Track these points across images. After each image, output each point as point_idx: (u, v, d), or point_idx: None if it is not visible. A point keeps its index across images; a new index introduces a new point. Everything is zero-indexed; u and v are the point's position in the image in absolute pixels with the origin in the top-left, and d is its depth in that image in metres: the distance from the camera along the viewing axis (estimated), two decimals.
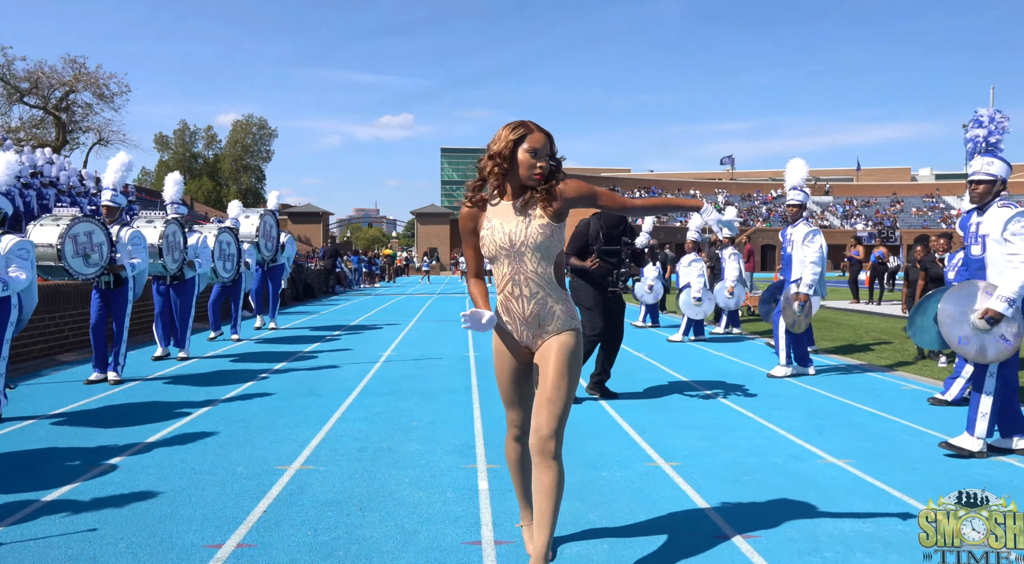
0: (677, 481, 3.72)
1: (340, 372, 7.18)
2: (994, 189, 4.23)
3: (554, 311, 2.55)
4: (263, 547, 2.84)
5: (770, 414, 5.32)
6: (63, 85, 37.40)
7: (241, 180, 57.09)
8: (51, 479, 3.68)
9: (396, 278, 37.55)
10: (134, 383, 6.49)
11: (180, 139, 57.11)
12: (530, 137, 2.49)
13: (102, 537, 2.92)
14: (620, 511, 3.27)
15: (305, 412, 5.31)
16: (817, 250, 6.77)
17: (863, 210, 67.66)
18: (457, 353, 8.66)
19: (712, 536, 3.00)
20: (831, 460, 4.13)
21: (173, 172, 9.05)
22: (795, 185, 7.08)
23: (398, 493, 3.50)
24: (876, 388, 6.45)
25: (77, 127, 38.89)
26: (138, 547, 2.83)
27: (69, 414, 5.22)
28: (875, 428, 4.92)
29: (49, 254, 6.04)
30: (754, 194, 70.18)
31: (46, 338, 8.10)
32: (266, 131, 59.06)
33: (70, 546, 2.83)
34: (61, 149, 36.27)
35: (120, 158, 7.09)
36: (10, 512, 3.20)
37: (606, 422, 5.07)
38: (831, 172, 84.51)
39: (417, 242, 64.75)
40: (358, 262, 29.37)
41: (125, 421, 5.00)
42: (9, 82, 35.26)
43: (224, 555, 2.76)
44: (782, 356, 6.99)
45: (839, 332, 11.01)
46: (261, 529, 3.02)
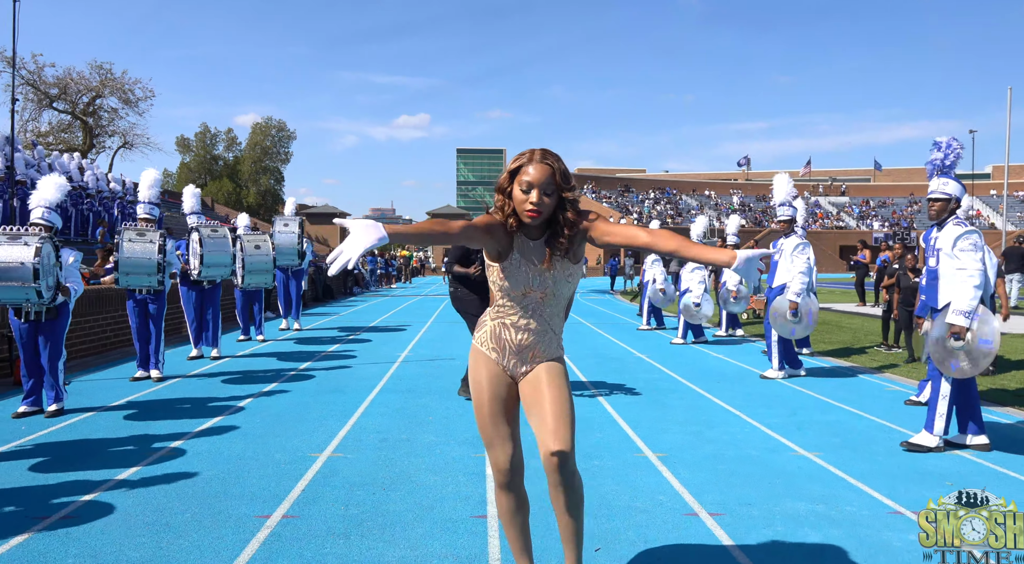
0: (661, 470, 4.23)
1: (361, 371, 7.75)
2: (949, 207, 4.70)
3: (547, 343, 2.41)
4: (304, 518, 3.39)
5: (755, 412, 5.81)
6: (90, 90, 38.49)
7: (260, 182, 58.08)
8: (119, 461, 4.27)
9: (412, 279, 38.19)
10: (175, 380, 7.10)
11: (201, 141, 58.21)
12: (525, 169, 2.22)
13: (170, 509, 3.49)
14: (608, 493, 3.80)
15: (331, 407, 5.87)
16: (805, 261, 7.24)
17: (879, 211, 67.36)
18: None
19: (682, 514, 3.51)
20: (802, 453, 4.62)
21: (189, 185, 9.57)
22: (783, 201, 7.56)
23: (416, 477, 4.05)
24: (861, 389, 6.91)
25: (103, 131, 39.99)
26: (201, 517, 3.40)
27: (123, 406, 5.83)
28: (849, 425, 5.40)
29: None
30: (769, 195, 70.04)
31: (92, 338, 8.76)
32: (285, 133, 60.02)
33: (146, 515, 3.41)
34: (88, 153, 37.35)
35: (152, 174, 7.73)
36: (92, 487, 3.79)
37: (603, 418, 5.58)
38: (848, 172, 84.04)
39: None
40: (374, 263, 30.05)
41: (173, 414, 5.60)
42: (39, 88, 36.34)
43: (272, 523, 3.32)
44: (775, 361, 7.46)
45: (839, 335, 11.42)
46: (301, 504, 3.58)
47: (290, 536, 3.17)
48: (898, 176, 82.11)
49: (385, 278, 31.33)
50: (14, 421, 5.32)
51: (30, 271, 4.90)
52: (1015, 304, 15.74)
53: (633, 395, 6.52)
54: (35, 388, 5.52)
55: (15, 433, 4.97)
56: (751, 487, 3.92)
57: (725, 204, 66.59)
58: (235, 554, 2.98)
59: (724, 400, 6.29)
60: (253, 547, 3.04)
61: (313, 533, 3.21)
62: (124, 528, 3.24)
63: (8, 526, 3.26)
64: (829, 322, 13.45)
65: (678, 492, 3.83)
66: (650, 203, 64.09)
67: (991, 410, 5.89)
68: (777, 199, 7.59)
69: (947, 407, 4.62)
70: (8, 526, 3.26)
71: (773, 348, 7.45)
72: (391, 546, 3.08)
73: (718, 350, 9.79)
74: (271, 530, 3.23)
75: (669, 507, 3.59)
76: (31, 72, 35.38)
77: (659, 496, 3.76)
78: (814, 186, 71.29)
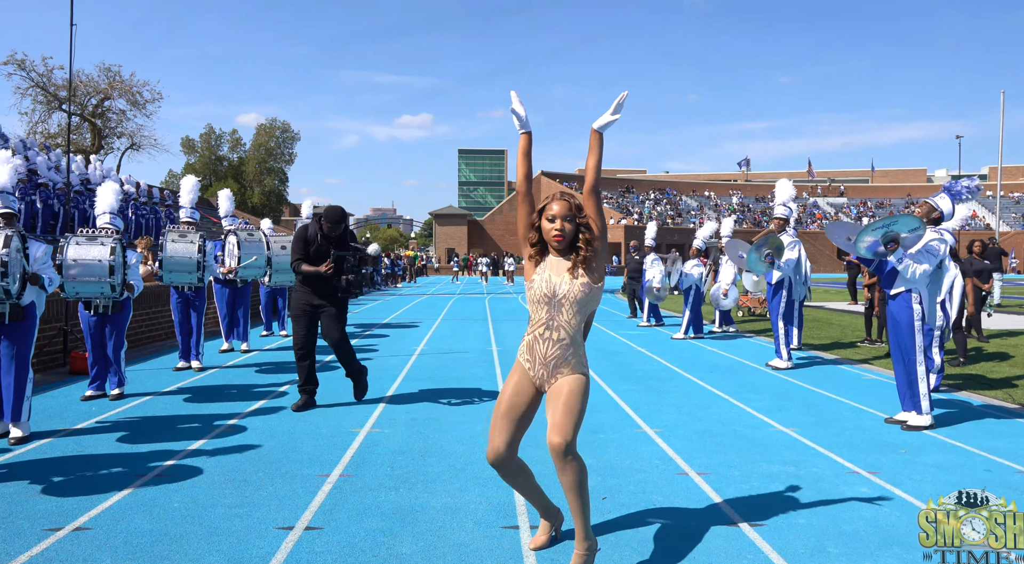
0: (657, 441, 4.90)
1: (383, 363, 8.43)
2: (930, 216, 5.50)
3: (570, 358, 2.85)
4: (358, 477, 4.06)
5: (744, 397, 6.48)
6: (99, 93, 39.22)
7: (265, 182, 58.75)
8: (190, 434, 4.94)
9: (416, 278, 38.88)
10: (213, 370, 7.77)
11: (206, 142, 58.91)
12: (549, 206, 2.85)
13: (244, 469, 4.16)
14: (611, 459, 4.46)
15: None
16: (796, 254, 7.97)
17: (877, 211, 67.98)
18: (481, 348, 9.89)
19: (675, 473, 4.18)
20: (781, 428, 5.29)
21: (225, 189, 10.24)
22: (783, 202, 8.30)
23: (447, 446, 4.72)
24: (841, 378, 7.58)
25: (111, 133, 40.70)
26: (273, 474, 4.06)
27: (176, 392, 6.50)
28: (825, 407, 6.07)
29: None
30: (768, 196, 70.71)
31: (128, 335, 9.43)
32: (289, 134, 60.69)
33: (226, 473, 4.08)
34: (95, 154, 38.07)
35: (191, 180, 8.42)
36: (172, 455, 4.46)
37: (607, 401, 6.25)
38: (847, 173, 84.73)
39: (435, 243, 66.17)
40: (380, 263, 30.73)
41: (222, 397, 6.27)
42: (49, 90, 37.04)
43: (334, 479, 3.99)
44: (783, 352, 8.07)
45: (828, 331, 12.09)
46: (353, 466, 4.25)
47: (350, 489, 3.84)
48: (896, 177, 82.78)
49: (391, 278, 32.02)
50: (83, 403, 5.98)
51: (106, 268, 5.56)
52: (998, 301, 16.43)
53: (633, 383, 7.19)
54: (100, 374, 6.19)
55: (88, 413, 5.63)
56: (733, 454, 4.59)
57: (724, 205, 67.22)
58: (308, 501, 3.65)
59: (717, 387, 6.96)
60: (321, 497, 3.71)
61: (368, 487, 3.88)
62: (211, 483, 3.91)
63: (116, 481, 3.93)
64: (819, 319, 14.11)
65: (671, 457, 4.50)
66: (650, 204, 64.72)
67: (953, 395, 6.57)
68: (778, 199, 8.36)
69: (927, 388, 5.23)
70: (116, 481, 3.93)
71: (781, 339, 8.04)
72: (434, 496, 3.75)
73: (714, 344, 10.46)
74: (333, 485, 3.90)
75: (663, 469, 4.26)
76: (41, 74, 36.12)
77: (655, 460, 4.43)
78: (813, 187, 71.95)
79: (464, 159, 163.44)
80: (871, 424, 5.44)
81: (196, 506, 3.56)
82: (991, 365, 8.30)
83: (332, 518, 3.42)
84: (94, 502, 3.61)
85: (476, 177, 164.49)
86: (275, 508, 3.55)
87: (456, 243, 63.42)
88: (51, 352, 7.77)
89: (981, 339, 10.44)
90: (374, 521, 3.39)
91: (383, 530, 3.28)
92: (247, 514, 3.46)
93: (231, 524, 3.34)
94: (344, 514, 3.47)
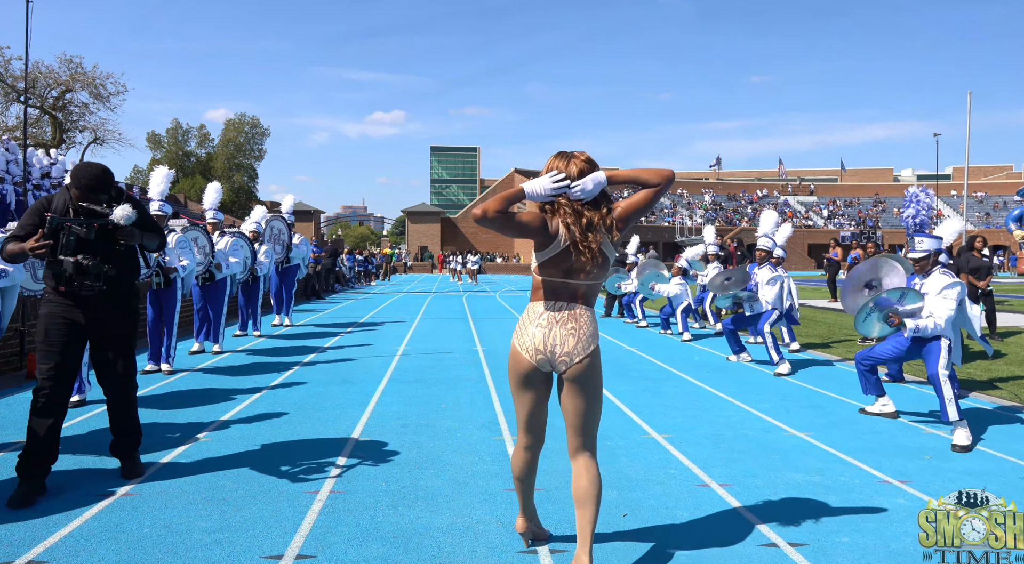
0: (667, 447, 4.59)
1: (365, 363, 8.01)
2: (930, 261, 5.19)
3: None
4: (351, 493, 3.68)
5: (746, 398, 6.21)
6: (59, 85, 37.86)
7: (234, 179, 57.53)
8: (159, 446, 4.50)
9: (391, 277, 38.29)
10: (184, 373, 7.29)
11: (173, 137, 57.51)
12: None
13: (223, 485, 3.75)
14: (623, 468, 4.14)
15: (346, 396, 6.14)
16: (774, 291, 7.74)
17: (847, 210, 68.98)
18: (466, 347, 9.51)
19: (695, 485, 3.87)
20: (794, 432, 5.02)
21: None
22: (766, 233, 8.04)
23: (444, 457, 4.35)
24: (839, 377, 7.37)
25: (73, 126, 39.35)
26: (255, 492, 3.66)
27: (144, 398, 6.02)
28: (832, 408, 5.83)
29: None
30: (740, 194, 71.33)
31: None
32: (258, 130, 59.56)
33: (202, 491, 3.66)
34: (56, 148, 36.74)
35: (162, 171, 7.89)
36: (145, 467, 4.02)
37: (606, 403, 5.93)
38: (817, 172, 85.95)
39: (408, 240, 65.47)
40: (353, 261, 30.11)
41: (194, 403, 5.81)
42: (6, 82, 35.64)
43: (323, 496, 3.60)
44: (774, 356, 7.80)
45: (816, 329, 11.95)
46: (344, 481, 3.86)
47: (343, 508, 3.46)
48: (864, 176, 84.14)
49: (364, 275, 31.41)
50: None
51: None
52: None
53: (630, 384, 6.89)
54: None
55: None
56: (751, 461, 4.30)
57: (697, 203, 67.63)
58: (297, 523, 3.26)
59: (716, 388, 6.69)
60: (311, 518, 3.33)
61: (363, 505, 3.50)
62: (186, 503, 3.49)
63: (77, 503, 3.49)
64: (805, 317, 13.99)
65: (687, 466, 4.19)
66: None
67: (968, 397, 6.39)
68: (761, 230, 8.10)
69: (952, 391, 4.88)
70: (77, 503, 3.49)
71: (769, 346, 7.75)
72: (437, 515, 3.38)
73: (706, 344, 10.22)
74: (323, 503, 3.51)
75: (681, 479, 3.95)
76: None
77: (670, 470, 4.12)
78: (784, 186, 72.72)
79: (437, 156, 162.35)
80: (885, 426, 5.20)
81: (169, 532, 3.15)
82: (987, 364, 8.17)
83: (326, 544, 3.04)
84: (51, 529, 3.18)
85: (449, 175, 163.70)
86: (260, 533, 3.15)
87: (429, 241, 62.84)
88: (6, 355, 7.22)
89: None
90: (374, 547, 3.01)
91: (385, 557, 2.91)
92: (228, 540, 3.06)
93: (210, 553, 2.94)
94: (339, 539, 3.09)
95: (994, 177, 76.78)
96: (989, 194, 68.47)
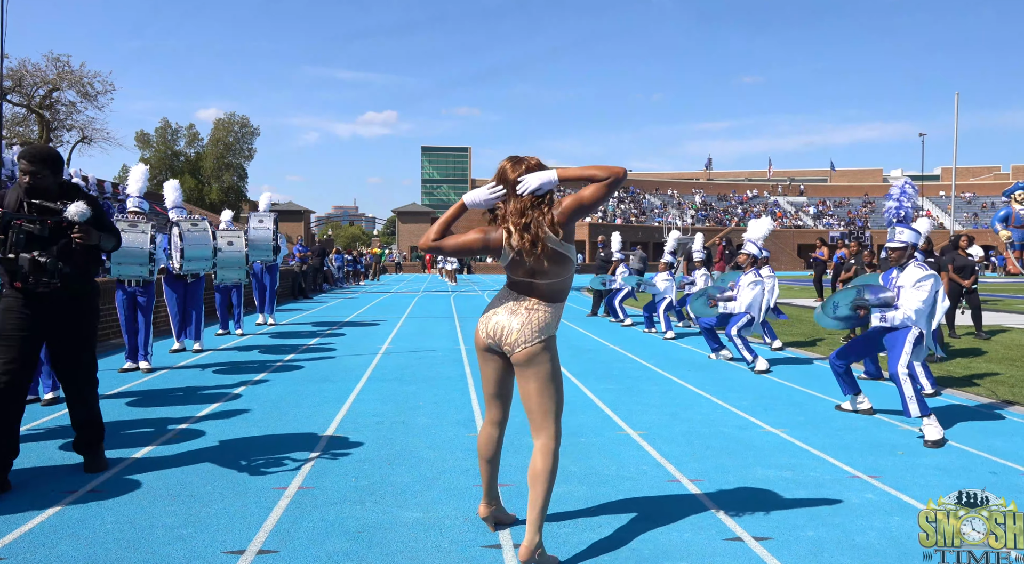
0: (642, 444, 4.59)
1: (346, 362, 7.98)
2: (907, 253, 5.18)
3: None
4: (319, 489, 3.65)
5: (724, 395, 6.22)
6: (46, 83, 37.57)
7: (223, 178, 57.26)
8: (130, 442, 4.46)
9: (380, 276, 38.21)
10: (163, 371, 7.24)
11: (162, 137, 57.14)
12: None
13: (190, 482, 3.72)
14: (596, 465, 4.13)
15: (324, 394, 6.11)
16: (752, 295, 7.75)
17: (836, 210, 69.32)
18: (448, 346, 9.49)
19: (666, 480, 3.87)
20: (770, 429, 5.02)
21: (171, 180, 9.43)
22: (752, 239, 8.09)
23: (417, 453, 4.33)
24: (818, 374, 7.40)
25: (61, 125, 39.05)
26: (223, 489, 3.63)
27: (119, 395, 5.97)
28: (811, 406, 5.84)
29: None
30: (730, 194, 71.59)
31: None
32: (248, 129, 59.26)
33: (168, 487, 3.63)
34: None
35: (140, 169, 7.84)
36: (113, 464, 3.99)
37: (584, 401, 5.93)
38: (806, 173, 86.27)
39: (399, 240, 65.35)
40: (342, 260, 30.01)
41: (168, 402, 5.77)
42: None
43: (292, 492, 3.58)
44: (747, 356, 7.80)
45: (800, 328, 12.00)
46: (314, 476, 3.84)
47: (310, 504, 3.44)
48: (853, 177, 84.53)
49: (353, 275, 31.33)
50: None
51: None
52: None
53: (609, 382, 6.89)
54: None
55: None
56: (725, 457, 4.30)
57: (688, 203, 67.81)
58: (262, 518, 3.23)
59: (696, 386, 6.70)
60: (277, 514, 3.30)
61: (331, 501, 3.48)
62: (151, 500, 3.46)
63: (40, 500, 3.45)
64: (790, 316, 14.04)
65: (660, 463, 4.19)
66: (614, 202, 64.88)
67: (947, 394, 6.42)
68: (749, 236, 8.14)
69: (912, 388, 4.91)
70: (40, 500, 3.45)
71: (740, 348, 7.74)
72: (404, 510, 3.37)
73: (689, 342, 10.24)
74: (291, 499, 3.49)
75: (653, 475, 3.95)
76: None
77: (643, 466, 4.11)
78: (773, 186, 73.03)
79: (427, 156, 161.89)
80: (863, 423, 5.21)
81: (132, 528, 3.12)
82: (967, 361, 8.22)
83: (289, 539, 3.01)
84: (11, 525, 3.14)
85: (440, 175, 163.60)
86: (224, 528, 3.12)
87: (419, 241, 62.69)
88: None
89: (952, 335, 10.42)
90: (337, 542, 2.99)
91: (347, 553, 2.89)
92: (191, 536, 3.04)
93: (171, 548, 2.91)
94: (303, 534, 3.07)
95: (982, 178, 77.34)
96: (977, 195, 68.99)
